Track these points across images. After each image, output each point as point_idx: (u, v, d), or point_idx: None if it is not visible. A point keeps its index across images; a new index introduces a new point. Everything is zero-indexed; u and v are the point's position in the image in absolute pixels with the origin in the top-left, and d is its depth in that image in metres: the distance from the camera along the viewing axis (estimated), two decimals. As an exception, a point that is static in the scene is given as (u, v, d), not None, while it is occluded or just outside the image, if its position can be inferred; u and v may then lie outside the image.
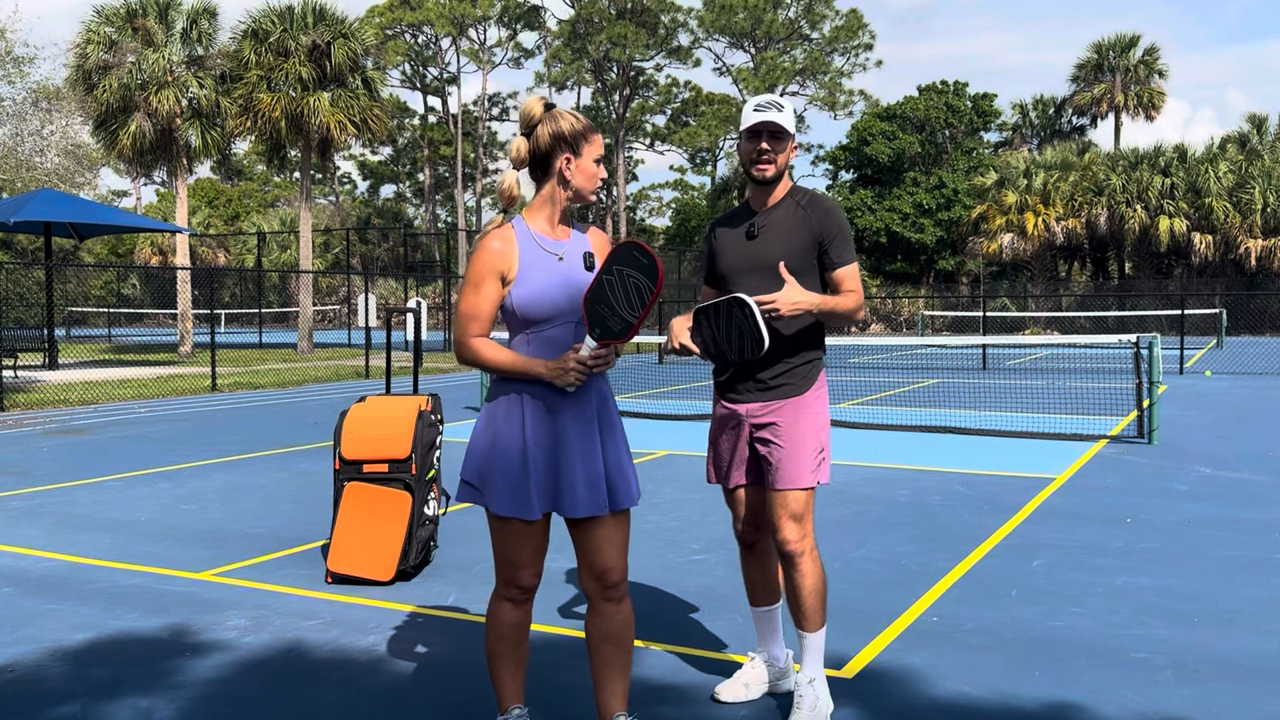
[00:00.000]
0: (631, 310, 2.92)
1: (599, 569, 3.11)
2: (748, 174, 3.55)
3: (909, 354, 25.60)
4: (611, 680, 3.17)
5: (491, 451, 3.05)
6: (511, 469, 3.02)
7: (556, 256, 3.06)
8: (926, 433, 11.06)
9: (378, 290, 47.51)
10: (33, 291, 36.32)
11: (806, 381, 3.53)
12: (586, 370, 2.97)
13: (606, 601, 3.14)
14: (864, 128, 47.99)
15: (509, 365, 3.01)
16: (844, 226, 3.52)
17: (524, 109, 3.09)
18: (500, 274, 3.01)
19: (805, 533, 3.48)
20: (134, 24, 25.06)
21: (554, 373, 2.97)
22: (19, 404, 14.31)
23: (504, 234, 3.04)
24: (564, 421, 3.03)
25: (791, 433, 3.48)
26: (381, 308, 35.70)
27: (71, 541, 6.25)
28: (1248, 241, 38.53)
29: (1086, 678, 3.96)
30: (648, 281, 2.90)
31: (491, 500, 3.04)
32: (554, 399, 3.03)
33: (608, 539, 3.10)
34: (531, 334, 3.05)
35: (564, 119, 3.04)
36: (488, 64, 56.18)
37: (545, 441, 3.03)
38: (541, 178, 3.09)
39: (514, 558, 3.10)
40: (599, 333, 2.96)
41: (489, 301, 3.02)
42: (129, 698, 3.81)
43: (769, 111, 3.47)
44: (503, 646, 3.18)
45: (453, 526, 6.55)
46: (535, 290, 3.00)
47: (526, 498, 3.02)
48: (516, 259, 3.02)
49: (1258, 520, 6.69)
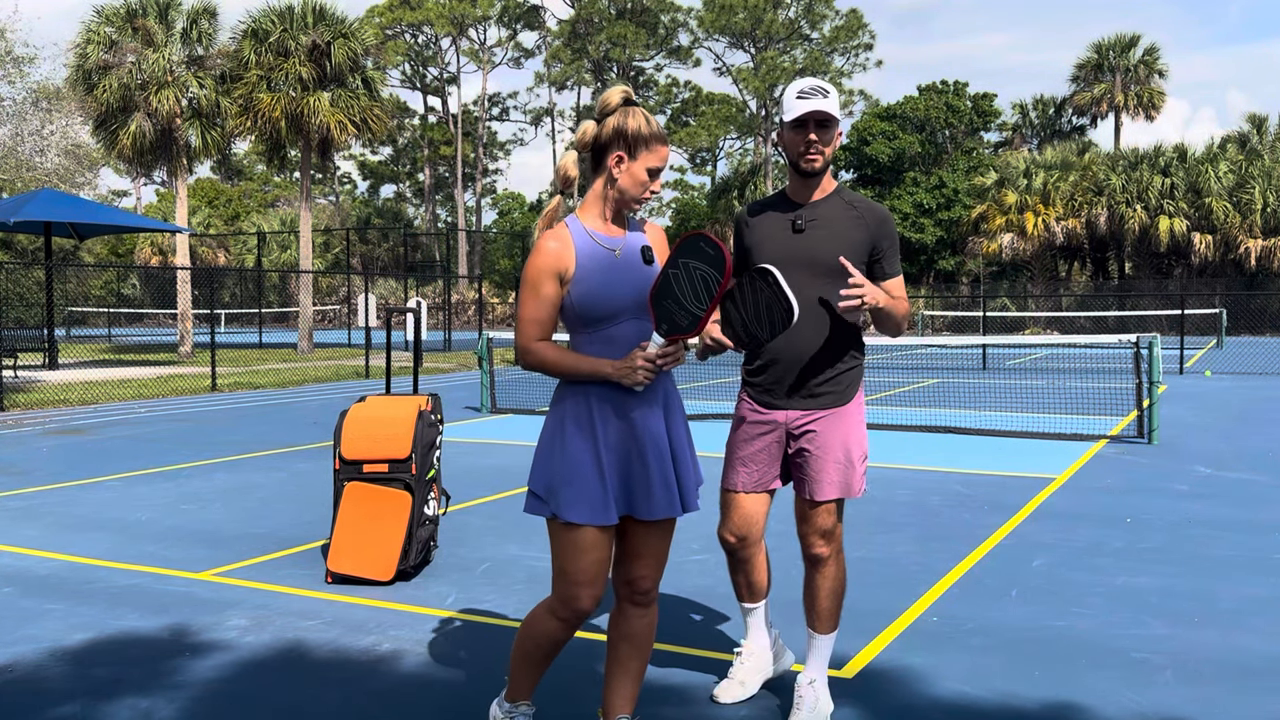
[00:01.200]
0: (699, 304, 2.82)
1: (632, 575, 3.07)
2: (794, 165, 3.39)
3: (909, 354, 25.59)
4: (622, 682, 3.15)
5: (563, 458, 2.94)
6: (586, 474, 2.92)
7: (613, 252, 2.96)
8: (926, 433, 11.06)
9: (378, 290, 47.52)
10: (33, 291, 36.32)
11: (850, 390, 3.44)
12: (655, 368, 2.88)
13: (633, 605, 3.11)
14: (864, 128, 47.99)
15: (575, 368, 2.92)
16: (895, 236, 3.45)
17: (604, 96, 2.97)
18: (558, 274, 2.90)
19: (833, 539, 3.46)
20: (134, 24, 25.06)
21: (621, 372, 2.88)
22: (19, 404, 14.31)
23: (559, 234, 2.92)
24: (635, 421, 2.95)
25: (829, 443, 3.40)
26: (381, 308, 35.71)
27: (71, 541, 6.25)
28: (1248, 241, 38.53)
29: (1086, 678, 3.96)
30: (715, 273, 2.80)
31: (563, 508, 2.92)
32: (623, 399, 2.94)
33: (650, 547, 3.05)
34: (593, 333, 2.95)
35: (635, 117, 2.92)
36: (488, 64, 56.18)
37: (617, 443, 2.94)
38: (596, 169, 2.99)
39: (577, 573, 2.95)
40: (666, 329, 2.88)
41: (549, 303, 2.91)
42: (129, 698, 3.81)
43: (815, 99, 3.29)
44: (539, 654, 3.11)
45: (453, 526, 6.55)
46: (595, 288, 2.90)
47: (603, 502, 2.92)
48: (573, 258, 2.91)
49: (1258, 520, 6.69)
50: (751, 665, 3.79)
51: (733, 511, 3.57)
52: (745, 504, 3.55)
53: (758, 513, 3.55)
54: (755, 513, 3.55)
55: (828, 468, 3.39)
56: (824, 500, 3.40)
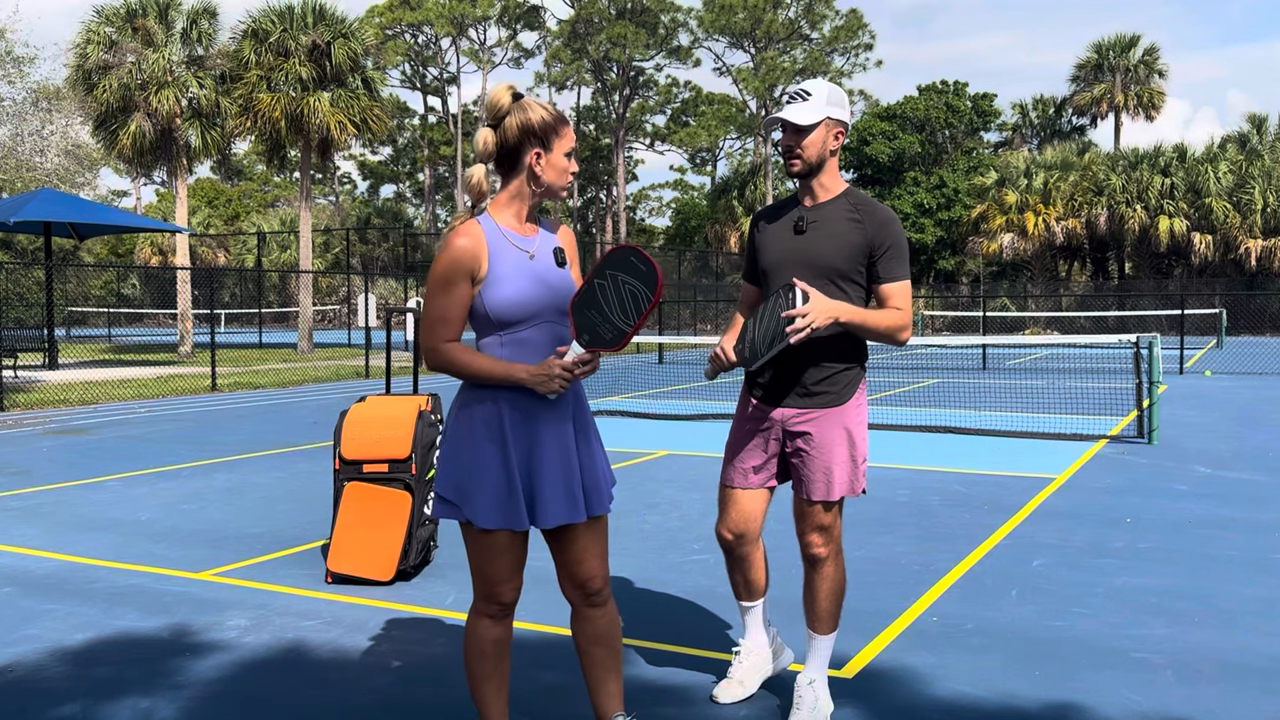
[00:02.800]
0: (626, 318, 2.77)
1: (580, 579, 3.02)
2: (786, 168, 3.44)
3: (909, 354, 25.59)
4: (606, 682, 3.12)
5: (472, 462, 2.88)
6: (497, 479, 2.86)
7: (528, 254, 2.88)
8: (926, 433, 11.06)
9: (378, 290, 47.52)
10: (33, 291, 36.32)
11: (848, 391, 3.40)
12: (571, 377, 2.81)
13: (590, 607, 3.06)
14: (864, 128, 48.01)
15: (487, 371, 2.84)
16: (900, 240, 3.36)
17: (490, 98, 2.89)
18: (470, 273, 2.82)
19: (831, 539, 3.45)
20: (134, 24, 25.06)
21: (537, 379, 2.80)
22: (19, 404, 14.31)
23: (471, 230, 2.83)
24: (541, 427, 2.89)
25: (826, 443, 3.38)
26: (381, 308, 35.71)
27: (71, 541, 6.25)
28: (1248, 241, 38.54)
29: (1086, 678, 3.96)
30: (645, 290, 2.75)
31: (476, 514, 2.87)
32: (532, 404, 2.88)
33: (587, 549, 3.00)
34: (505, 335, 2.87)
35: (533, 110, 2.85)
36: (488, 64, 56.18)
37: (526, 449, 2.89)
38: (509, 172, 2.90)
39: (495, 573, 2.93)
40: (588, 339, 2.81)
41: (460, 303, 2.83)
42: (129, 698, 3.81)
43: (790, 105, 3.32)
44: (485, 665, 3.03)
45: (452, 527, 6.54)
46: (509, 290, 2.83)
47: (516, 508, 2.86)
48: (486, 257, 2.83)
49: (1258, 520, 6.69)
50: (750, 664, 3.79)
51: (731, 508, 3.56)
52: (744, 500, 3.54)
53: (756, 510, 3.55)
54: (754, 510, 3.54)
55: (824, 467, 3.38)
56: (818, 500, 3.40)
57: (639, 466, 8.98)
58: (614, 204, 55.84)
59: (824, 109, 3.34)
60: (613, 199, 56.07)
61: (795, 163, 3.36)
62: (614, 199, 55.94)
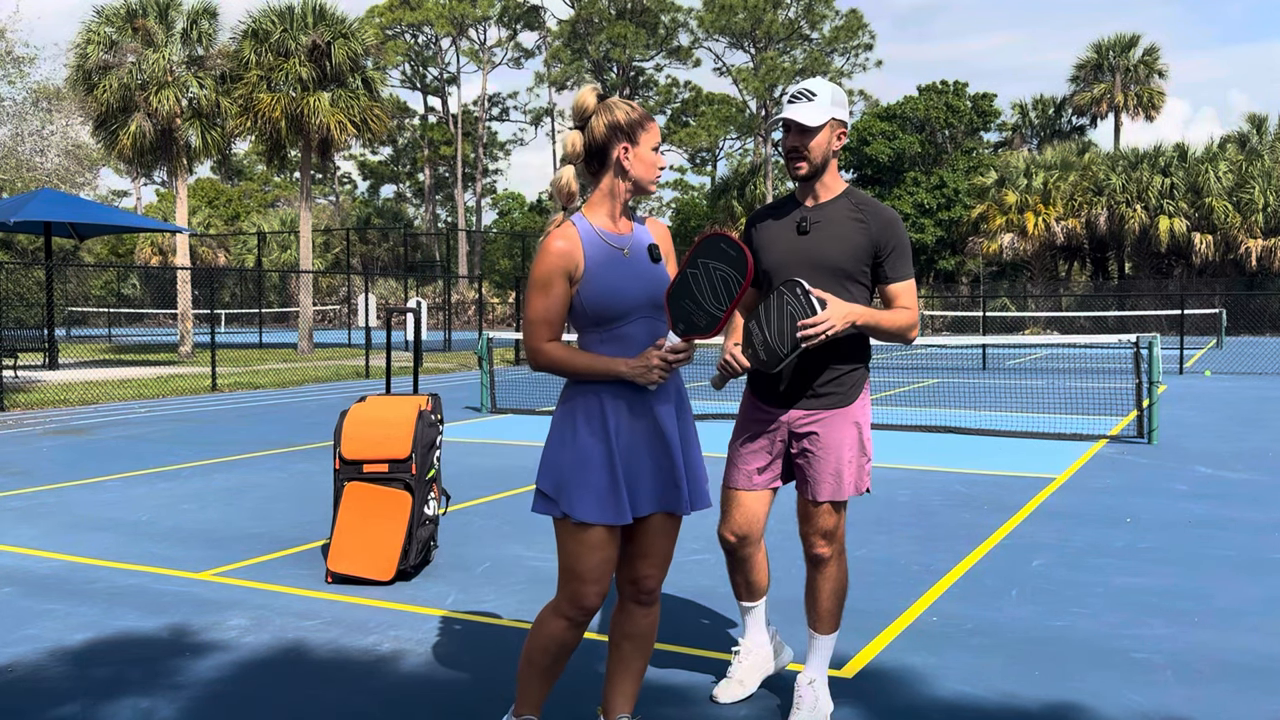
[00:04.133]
0: (718, 304, 2.82)
1: (637, 575, 3.07)
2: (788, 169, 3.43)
3: (909, 354, 25.59)
4: (624, 680, 3.15)
5: (574, 458, 2.92)
6: (599, 473, 2.90)
7: (622, 251, 2.95)
8: (926, 433, 11.06)
9: (378, 290, 47.50)
10: (33, 291, 36.32)
11: (854, 391, 3.41)
12: (669, 367, 2.87)
13: (636, 604, 3.11)
14: (864, 128, 47.99)
15: (588, 367, 2.90)
16: (904, 240, 3.38)
17: (576, 101, 2.98)
18: (567, 274, 2.89)
19: (835, 539, 3.45)
20: (134, 24, 25.05)
21: (636, 371, 2.87)
22: (19, 404, 14.31)
23: (567, 233, 2.90)
24: (649, 418, 2.95)
25: (832, 443, 3.38)
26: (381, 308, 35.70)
27: (71, 541, 6.25)
28: (1248, 241, 38.53)
29: (1086, 678, 3.96)
30: (736, 274, 2.79)
31: (575, 508, 2.91)
32: (635, 398, 2.93)
33: (655, 547, 3.05)
34: (604, 332, 2.94)
35: (619, 108, 2.94)
36: (488, 64, 56.18)
37: (630, 442, 2.93)
38: (599, 171, 2.97)
39: (585, 571, 2.94)
40: (683, 328, 2.87)
41: (559, 303, 2.90)
42: (129, 698, 3.81)
43: (794, 105, 3.32)
44: (545, 660, 3.05)
45: (453, 526, 6.55)
46: (606, 288, 2.89)
47: (616, 501, 2.91)
48: (583, 257, 2.90)
49: (1258, 520, 6.69)
50: (750, 664, 3.79)
51: (734, 510, 3.55)
52: (747, 502, 3.53)
53: (759, 512, 3.54)
54: (757, 512, 3.54)
55: (830, 468, 3.38)
56: (824, 500, 3.39)
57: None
58: (614, 204, 55.87)
59: (829, 109, 3.33)
60: (613, 199, 56.09)
61: (802, 165, 3.35)
62: (614, 199, 55.98)
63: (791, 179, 3.42)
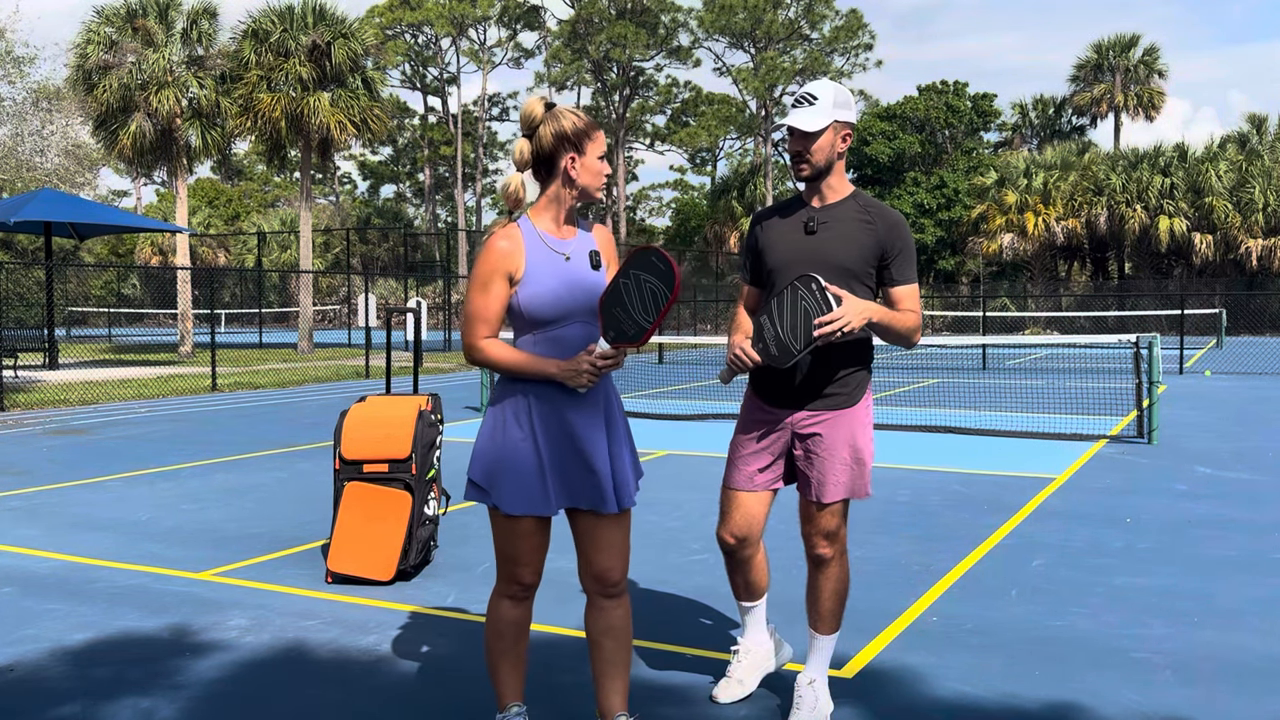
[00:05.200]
0: (647, 315, 2.91)
1: (599, 569, 3.13)
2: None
3: (909, 354, 25.59)
4: (612, 678, 3.18)
5: (501, 452, 3.04)
6: (524, 468, 3.02)
7: (563, 256, 3.05)
8: (926, 433, 11.06)
9: (378, 290, 47.51)
10: (33, 291, 36.32)
11: (858, 392, 3.42)
12: (598, 372, 2.97)
13: (606, 599, 3.17)
14: (864, 128, 47.98)
15: (520, 366, 3.00)
16: (910, 243, 3.40)
17: (524, 110, 3.08)
18: (508, 274, 2.99)
19: (838, 540, 3.45)
20: (134, 24, 25.05)
21: (566, 374, 2.97)
22: (19, 404, 14.31)
23: (510, 233, 3.02)
24: (570, 419, 3.04)
25: (836, 444, 3.38)
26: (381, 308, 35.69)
27: (71, 541, 6.25)
28: (1248, 241, 38.53)
29: (1086, 678, 3.96)
30: (664, 287, 2.89)
31: (502, 500, 3.04)
32: (562, 398, 3.03)
33: (610, 540, 3.12)
34: (539, 334, 3.04)
35: (566, 118, 3.02)
36: (488, 64, 56.18)
37: (556, 440, 3.04)
38: (546, 178, 3.07)
39: (517, 555, 3.10)
40: (613, 336, 2.97)
41: (498, 302, 3.00)
42: (129, 698, 3.81)
43: (797, 111, 3.35)
44: (502, 644, 3.20)
45: (453, 526, 6.55)
46: (543, 291, 2.99)
47: (543, 494, 3.03)
48: (524, 259, 3.00)
49: (1258, 520, 6.69)
50: (749, 663, 3.79)
51: (734, 511, 3.55)
52: (747, 503, 3.53)
53: (759, 513, 3.54)
54: (756, 513, 3.53)
55: (833, 469, 3.38)
56: (829, 502, 3.40)
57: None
58: (614, 204, 55.88)
59: (831, 112, 3.33)
60: (613, 199, 56.13)
61: (804, 168, 3.37)
62: (614, 199, 55.97)
63: (796, 180, 3.44)
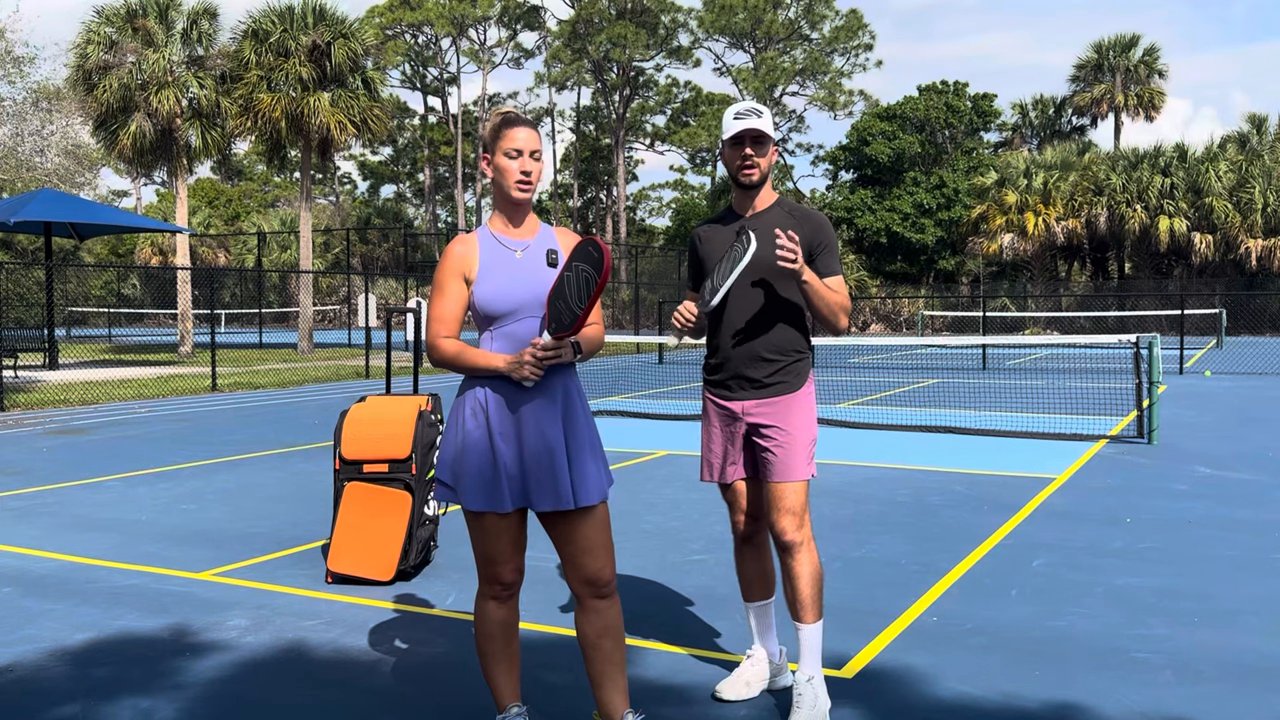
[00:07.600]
0: (580, 302, 2.97)
1: (589, 573, 3.14)
2: (734, 179, 3.70)
3: (909, 354, 25.59)
4: (612, 677, 3.18)
5: (461, 449, 3.11)
6: (481, 464, 3.07)
7: (515, 253, 3.15)
8: (926, 433, 11.06)
9: (378, 290, 47.51)
10: (33, 291, 36.32)
11: (800, 379, 3.67)
12: (539, 364, 3.01)
13: (598, 599, 3.17)
14: (864, 128, 47.97)
15: (472, 362, 3.09)
16: (833, 239, 3.69)
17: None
18: (463, 275, 3.12)
19: (803, 522, 3.58)
20: (134, 24, 25.05)
21: (511, 367, 3.04)
22: (19, 404, 14.31)
23: (466, 239, 3.16)
24: (525, 416, 3.08)
25: (788, 428, 3.60)
26: (381, 308, 35.68)
27: (71, 541, 6.25)
28: (1248, 241, 38.51)
29: (1086, 678, 3.96)
30: (594, 273, 2.95)
31: (464, 497, 3.10)
32: (516, 394, 3.09)
33: (593, 541, 3.13)
34: (495, 329, 3.13)
35: (484, 124, 3.19)
36: (488, 64, 56.18)
37: (511, 435, 3.08)
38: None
39: (492, 553, 3.14)
40: (554, 327, 3.03)
41: (454, 302, 3.12)
42: (129, 698, 3.81)
43: (749, 119, 3.61)
44: (493, 645, 3.23)
45: (453, 527, 6.55)
46: (493, 287, 3.09)
47: (498, 491, 3.07)
48: (477, 260, 3.13)
49: (1258, 520, 6.70)
50: (759, 671, 3.84)
51: (737, 499, 3.76)
52: (743, 488, 3.74)
53: (757, 494, 3.74)
54: (755, 494, 3.74)
55: (789, 448, 3.58)
56: (791, 480, 3.56)
57: (639, 466, 8.98)
58: (614, 204, 55.85)
59: (771, 129, 3.68)
60: (613, 199, 56.08)
61: (754, 171, 3.66)
62: (614, 199, 55.94)
63: (739, 186, 3.70)
